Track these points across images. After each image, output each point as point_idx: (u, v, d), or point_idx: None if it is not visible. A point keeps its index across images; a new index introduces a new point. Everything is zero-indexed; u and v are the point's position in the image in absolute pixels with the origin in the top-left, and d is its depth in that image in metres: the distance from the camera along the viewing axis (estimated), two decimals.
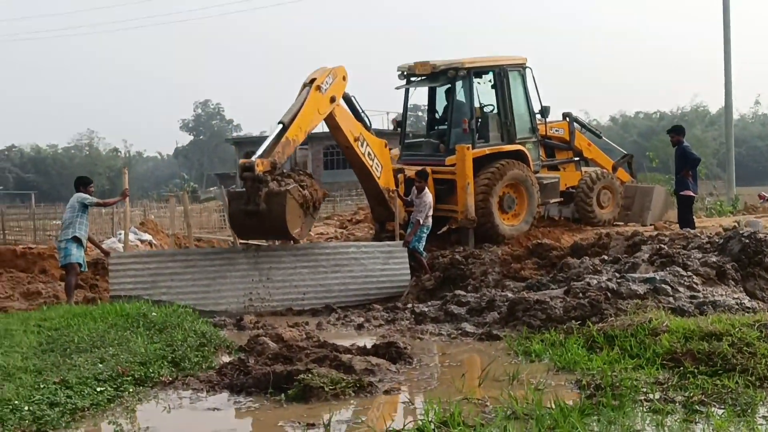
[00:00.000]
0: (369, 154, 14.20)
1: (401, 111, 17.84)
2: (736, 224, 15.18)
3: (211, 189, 75.50)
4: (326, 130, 14.38)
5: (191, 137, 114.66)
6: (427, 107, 17.90)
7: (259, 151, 12.28)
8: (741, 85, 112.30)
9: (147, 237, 18.93)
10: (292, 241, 12.63)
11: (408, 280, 13.20)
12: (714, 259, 9.70)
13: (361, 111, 14.48)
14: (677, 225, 15.93)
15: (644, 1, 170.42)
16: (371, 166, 14.28)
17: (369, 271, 12.98)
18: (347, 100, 14.09)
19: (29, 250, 15.95)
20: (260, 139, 70.36)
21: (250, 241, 13.21)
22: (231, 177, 68.85)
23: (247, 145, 68.13)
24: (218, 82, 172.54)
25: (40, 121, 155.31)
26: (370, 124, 14.83)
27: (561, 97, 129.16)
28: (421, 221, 13.71)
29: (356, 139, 13.97)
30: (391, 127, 67.13)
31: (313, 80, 13.06)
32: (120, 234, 17.34)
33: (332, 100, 13.33)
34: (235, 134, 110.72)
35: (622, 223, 18.18)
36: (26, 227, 32.37)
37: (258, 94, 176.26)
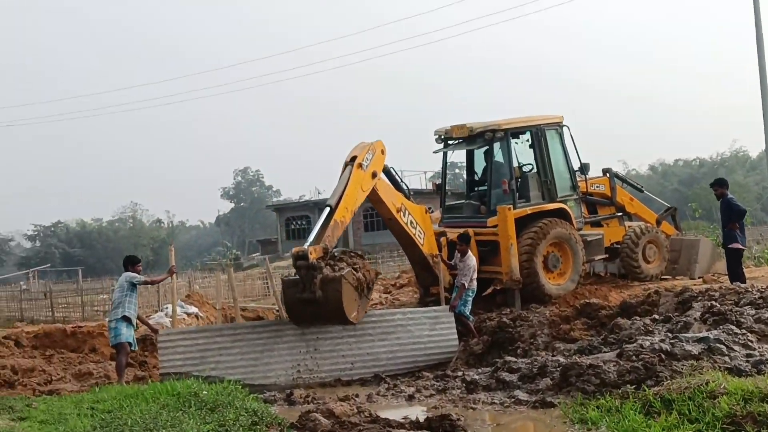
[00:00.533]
0: (411, 222, 14.30)
1: (440, 172, 17.98)
2: None
3: (254, 255, 76.09)
4: None
5: (232, 205, 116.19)
6: (465, 169, 17.97)
7: (310, 238, 12.34)
8: None
9: (193, 310, 19.05)
10: (348, 324, 12.40)
11: (456, 346, 13.09)
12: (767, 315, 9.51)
13: (400, 180, 14.65)
14: (726, 277, 15.67)
15: (679, 46, 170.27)
16: (414, 235, 14.35)
17: (416, 338, 12.91)
18: (386, 171, 14.24)
19: (78, 328, 16.14)
20: (300, 205, 71.02)
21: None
22: (272, 242, 69.50)
23: (288, 210, 68.95)
24: (257, 149, 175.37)
25: (85, 196, 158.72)
26: (410, 192, 14.95)
27: (598, 148, 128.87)
28: (467, 285, 13.66)
29: (398, 210, 14.10)
30: (430, 187, 67.48)
31: (353, 158, 13.23)
32: (166, 308, 17.51)
33: (374, 175, 13.50)
34: (275, 200, 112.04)
35: (669, 277, 17.96)
36: (74, 303, 32.76)
37: (296, 160, 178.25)
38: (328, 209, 12.74)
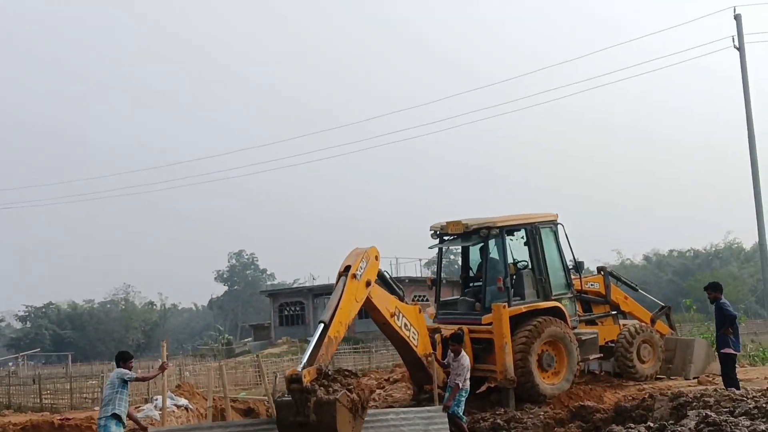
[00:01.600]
0: (405, 325, 14.32)
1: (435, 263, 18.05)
2: None
3: (246, 341, 75.49)
4: None
5: (226, 288, 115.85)
6: (461, 266, 18.03)
7: (304, 358, 12.24)
8: None
9: (183, 402, 18.78)
10: None
11: None
12: (763, 427, 9.41)
13: (393, 283, 14.67)
14: (720, 378, 15.57)
15: (671, 140, 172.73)
16: (408, 337, 14.36)
17: None
18: (380, 275, 14.29)
19: (66, 421, 15.92)
20: (293, 291, 70.96)
21: None
22: (265, 328, 69.05)
23: (281, 296, 68.79)
24: (251, 233, 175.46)
25: (77, 277, 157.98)
26: (404, 294, 14.96)
27: (592, 237, 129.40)
28: (460, 385, 13.54)
29: (392, 315, 14.13)
30: (425, 274, 67.36)
31: (347, 267, 13.27)
32: (156, 399, 17.31)
33: (368, 284, 13.52)
34: (269, 283, 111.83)
35: (664, 377, 17.86)
36: (63, 389, 32.33)
37: (290, 242, 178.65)
38: (321, 326, 12.65)
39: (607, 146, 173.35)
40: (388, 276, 14.68)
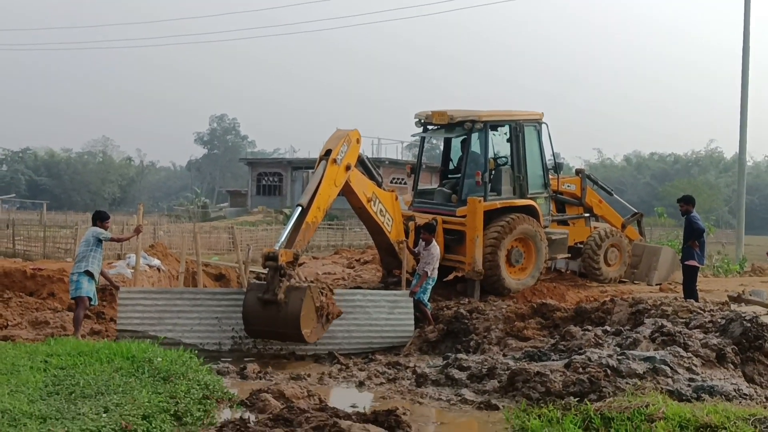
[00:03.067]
0: (381, 211, 14.42)
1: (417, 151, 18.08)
2: (741, 292, 15.28)
3: (222, 206, 75.80)
4: None
5: (205, 151, 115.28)
6: (441, 156, 18.08)
7: (281, 238, 12.39)
8: (757, 133, 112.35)
9: (156, 262, 19.03)
10: (300, 342, 12.08)
11: (411, 331, 13.29)
12: (715, 341, 9.77)
13: (372, 169, 14.71)
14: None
15: (664, 44, 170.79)
16: (383, 223, 14.50)
17: (373, 320, 13.07)
18: (360, 160, 14.31)
19: (39, 271, 16.09)
20: (273, 161, 70.73)
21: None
22: (242, 195, 69.33)
23: (260, 165, 68.69)
24: (236, 98, 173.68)
25: (56, 125, 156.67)
26: (382, 180, 15.03)
27: (577, 134, 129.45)
28: (429, 273, 13.83)
29: (369, 200, 14.20)
30: (406, 157, 67.31)
31: (328, 151, 13.23)
32: (129, 258, 17.53)
33: (347, 168, 13.54)
34: (249, 150, 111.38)
35: (627, 281, 18.30)
36: (36, 237, 32.57)
37: (274, 113, 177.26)
38: (299, 209, 12.73)
39: (594, 45, 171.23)
40: (368, 161, 14.72)
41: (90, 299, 12.11)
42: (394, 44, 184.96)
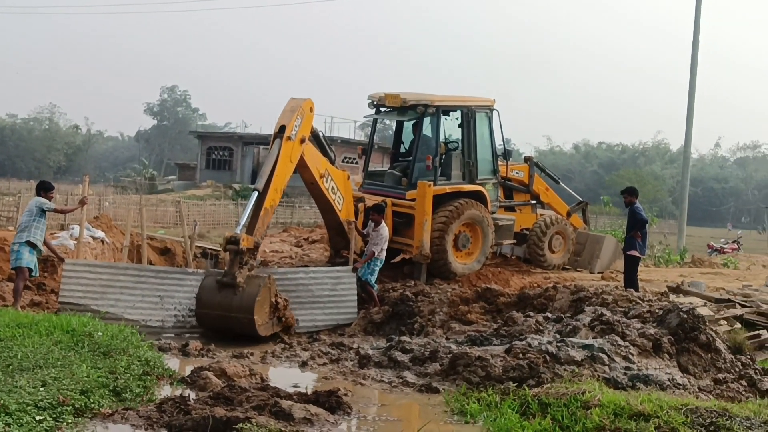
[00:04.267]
0: (332, 188, 14.39)
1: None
2: (680, 283, 15.63)
3: (170, 178, 74.87)
4: None
5: (155, 122, 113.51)
6: (393, 139, 18.10)
7: (242, 222, 12.40)
8: (703, 127, 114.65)
9: (100, 234, 18.74)
10: (250, 332, 11.80)
11: (355, 308, 13.35)
12: (652, 331, 10.00)
13: (326, 145, 14.66)
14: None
15: (617, 33, 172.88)
16: (334, 201, 14.46)
17: (316, 297, 13.09)
18: (315, 135, 14.24)
19: None
20: (224, 136, 69.84)
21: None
22: (191, 168, 68.48)
23: (211, 139, 67.91)
24: (188, 70, 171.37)
25: (1, 90, 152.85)
26: (335, 157, 15.00)
27: (527, 119, 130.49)
28: (376, 253, 13.88)
29: (322, 176, 14.15)
30: (359, 137, 67.06)
31: (282, 128, 13.11)
32: (72, 229, 17.23)
33: (302, 141, 13.45)
34: (199, 123, 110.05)
35: (570, 269, 18.59)
36: None
37: (226, 87, 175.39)
38: (255, 194, 12.66)
39: (547, 32, 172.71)
40: (322, 136, 14.66)
41: (31, 270, 11.91)
42: (351, 20, 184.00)
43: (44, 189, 12.32)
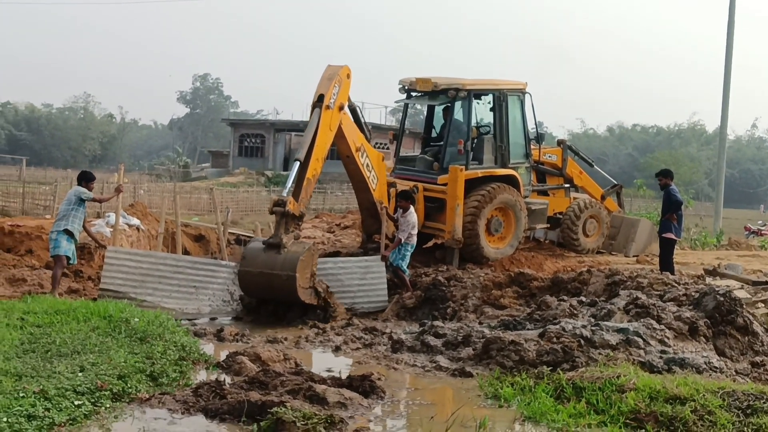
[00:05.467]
0: (367, 165, 14.40)
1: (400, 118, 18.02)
2: (717, 266, 15.44)
3: (204, 166, 75.42)
4: None
5: (188, 110, 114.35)
6: (424, 124, 18.05)
7: (288, 186, 12.66)
8: (740, 107, 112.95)
9: (135, 222, 18.96)
10: (289, 291, 12.00)
11: (386, 297, 13.37)
12: (688, 314, 9.89)
13: (363, 122, 14.66)
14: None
15: (650, 17, 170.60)
16: (368, 178, 14.46)
17: (346, 287, 13.15)
18: (352, 110, 14.26)
19: (17, 227, 15.99)
20: (256, 123, 70.30)
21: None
22: (224, 155, 68.95)
23: (243, 127, 68.25)
24: (220, 58, 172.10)
25: (37, 80, 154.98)
26: (370, 135, 15.00)
27: (561, 103, 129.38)
28: (403, 240, 13.86)
29: (358, 149, 14.15)
30: (390, 123, 66.99)
31: (321, 97, 13.14)
32: (108, 216, 17.45)
33: (340, 108, 13.53)
34: (232, 111, 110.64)
35: (605, 252, 18.43)
36: (15, 192, 32.30)
37: (258, 75, 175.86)
38: (297, 164, 12.78)
39: (581, 15, 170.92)
40: (359, 111, 14.68)
41: (68, 258, 12.10)
42: (383, 5, 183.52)
43: (86, 179, 12.51)
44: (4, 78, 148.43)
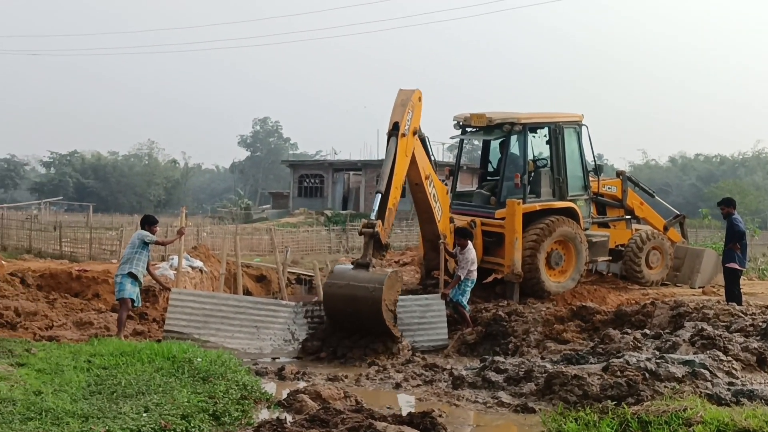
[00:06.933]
0: (434, 195, 14.55)
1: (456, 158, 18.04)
2: None
3: (264, 207, 76.33)
4: (380, 157, 14.82)
5: (248, 153, 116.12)
6: (480, 158, 18.05)
7: (375, 210, 13.07)
8: None
9: (198, 264, 19.31)
10: (373, 306, 12.17)
11: (446, 334, 13.30)
12: (756, 344, 9.66)
13: (431, 154, 14.76)
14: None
15: (712, 43, 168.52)
16: (435, 208, 14.55)
17: (406, 325, 13.07)
18: (421, 139, 14.40)
19: (84, 272, 16.42)
20: (315, 163, 70.82)
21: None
22: (284, 197, 69.69)
23: (302, 168, 69.02)
24: (278, 101, 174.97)
25: (103, 129, 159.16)
26: (436, 166, 15.09)
27: (621, 135, 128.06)
28: (462, 277, 13.80)
29: (427, 177, 14.32)
30: (447, 159, 67.22)
31: (396, 125, 13.42)
32: (172, 259, 17.78)
33: (414, 132, 13.84)
34: (291, 153, 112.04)
35: (670, 284, 18.09)
36: (83, 239, 33.04)
37: (316, 116, 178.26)
38: (379, 196, 13.12)
39: (644, 52, 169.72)
40: (428, 141, 14.77)
41: (133, 301, 12.32)
42: (440, 45, 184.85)
43: (149, 223, 12.77)
44: (71, 129, 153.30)
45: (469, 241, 14.10)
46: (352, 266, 12.60)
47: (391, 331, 12.31)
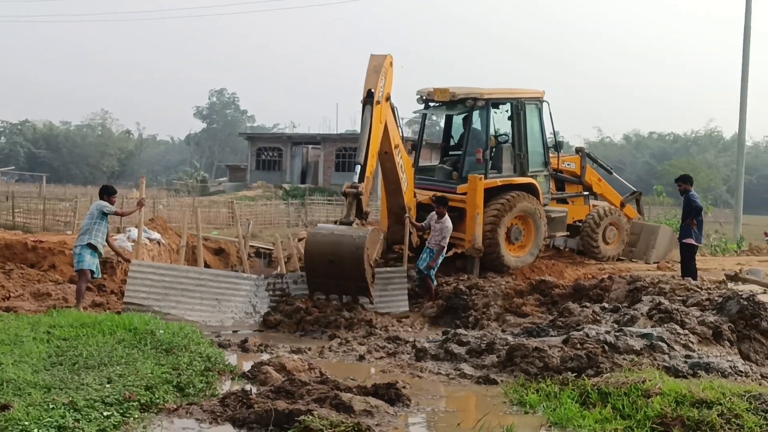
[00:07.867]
0: (401, 166, 14.57)
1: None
2: (738, 271, 15.39)
3: (221, 180, 75.72)
4: (339, 131, 14.84)
5: (204, 125, 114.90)
6: (442, 133, 18.10)
7: (356, 175, 13.20)
8: (756, 113, 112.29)
9: (156, 236, 19.11)
10: (357, 254, 12.34)
11: (407, 306, 13.42)
12: (711, 318, 9.87)
13: (399, 123, 14.77)
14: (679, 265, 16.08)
15: (665, 22, 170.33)
16: (402, 179, 14.56)
17: None
18: (392, 108, 14.41)
19: (40, 243, 16.16)
20: (273, 136, 70.38)
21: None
22: (241, 170, 69.19)
23: (260, 141, 68.52)
24: (235, 73, 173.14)
25: (55, 99, 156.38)
26: (403, 137, 15.09)
27: (576, 111, 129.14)
28: (436, 248, 13.88)
29: (396, 146, 14.32)
30: (405, 134, 67.10)
31: (369, 93, 13.41)
32: (129, 231, 17.60)
33: (387, 98, 13.89)
34: (248, 125, 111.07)
35: (625, 259, 18.39)
36: (36, 209, 32.56)
37: (274, 89, 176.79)
38: (358, 167, 13.21)
39: (594, 22, 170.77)
40: (396, 113, 14.76)
41: (92, 272, 12.20)
42: (400, 18, 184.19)
43: (107, 193, 12.62)
44: (22, 97, 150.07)
45: (446, 211, 14.13)
46: (335, 222, 12.72)
47: (369, 288, 12.48)
